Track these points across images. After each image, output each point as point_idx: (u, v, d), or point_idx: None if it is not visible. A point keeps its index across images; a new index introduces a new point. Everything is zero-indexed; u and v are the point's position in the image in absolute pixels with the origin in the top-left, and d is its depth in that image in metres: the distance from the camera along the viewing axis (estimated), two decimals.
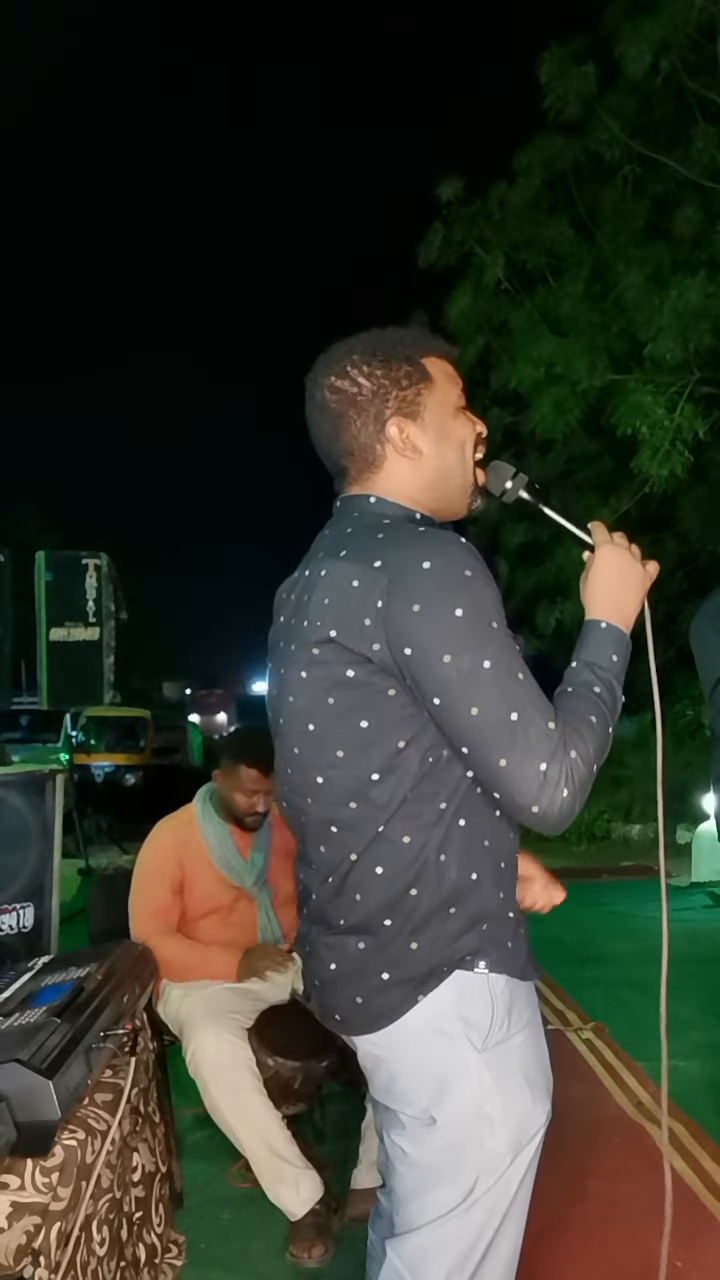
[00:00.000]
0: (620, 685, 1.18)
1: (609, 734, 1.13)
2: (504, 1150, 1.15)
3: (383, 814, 1.12)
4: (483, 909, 1.14)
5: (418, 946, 1.13)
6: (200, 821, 2.48)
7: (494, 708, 1.06)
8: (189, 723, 17.11)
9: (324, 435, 1.24)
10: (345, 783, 1.14)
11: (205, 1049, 2.12)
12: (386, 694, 1.10)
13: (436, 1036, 1.14)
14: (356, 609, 1.10)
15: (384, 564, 1.10)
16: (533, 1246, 2.04)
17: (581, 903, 5.87)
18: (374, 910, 1.14)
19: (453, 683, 1.06)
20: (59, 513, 18.09)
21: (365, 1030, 1.17)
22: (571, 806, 1.07)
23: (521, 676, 1.08)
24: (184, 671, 27.71)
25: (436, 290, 9.35)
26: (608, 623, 1.20)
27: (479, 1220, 1.16)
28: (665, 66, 7.25)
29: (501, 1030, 1.15)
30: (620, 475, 8.44)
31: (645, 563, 1.25)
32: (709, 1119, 2.66)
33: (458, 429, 1.24)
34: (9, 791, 2.39)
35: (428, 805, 1.12)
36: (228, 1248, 2.11)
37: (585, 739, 1.09)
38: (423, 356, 1.23)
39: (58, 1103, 1.26)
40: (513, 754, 1.05)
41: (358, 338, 1.24)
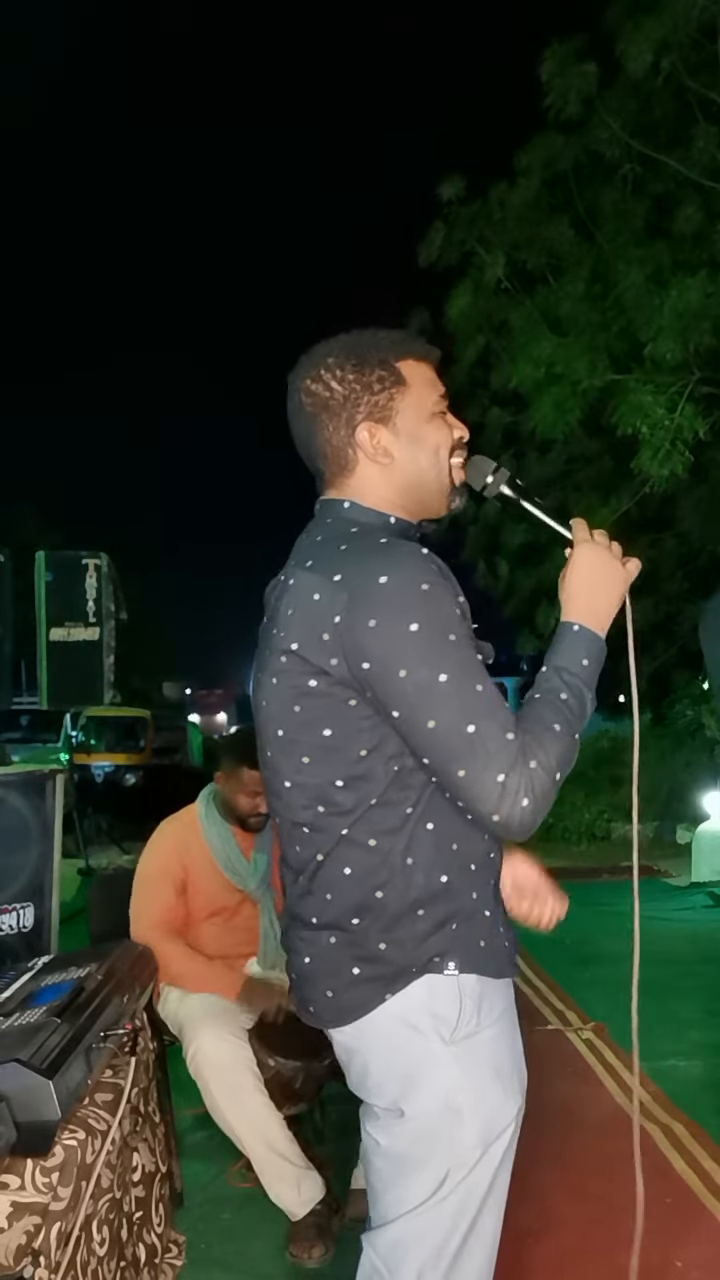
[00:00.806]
0: (591, 689, 1.17)
1: (575, 740, 1.13)
2: (473, 1143, 1.16)
3: (348, 819, 1.14)
4: (452, 910, 1.15)
5: (386, 947, 1.14)
6: (204, 823, 2.47)
7: (451, 720, 1.07)
8: (189, 723, 17.10)
9: (300, 437, 1.26)
10: (311, 788, 1.16)
11: (206, 1049, 2.12)
12: (348, 704, 1.12)
13: (406, 1030, 1.15)
14: (316, 623, 1.12)
15: (343, 578, 1.11)
16: (533, 1246, 2.04)
17: (581, 903, 5.83)
18: (343, 910, 1.16)
19: (409, 696, 1.07)
20: (59, 513, 18.09)
21: (336, 1023, 1.19)
22: (534, 815, 1.07)
23: (480, 689, 1.08)
24: (184, 671, 27.72)
25: (437, 290, 9.35)
26: (580, 625, 1.19)
27: (451, 1214, 1.16)
28: (666, 66, 7.23)
29: (471, 1024, 1.16)
30: (620, 475, 8.43)
31: (626, 561, 1.24)
32: (709, 1119, 2.66)
33: (432, 434, 1.23)
34: (9, 791, 2.39)
35: (393, 810, 1.13)
36: (228, 1248, 2.11)
37: (547, 748, 1.09)
38: (399, 360, 1.23)
39: (58, 1103, 1.26)
40: (471, 765, 1.06)
41: (338, 339, 1.24)
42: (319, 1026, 1.23)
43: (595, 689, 1.18)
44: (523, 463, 9.92)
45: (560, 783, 1.11)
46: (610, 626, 1.27)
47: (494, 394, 9.55)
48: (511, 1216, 1.29)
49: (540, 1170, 2.31)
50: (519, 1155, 1.27)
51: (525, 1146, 1.27)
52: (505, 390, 8.75)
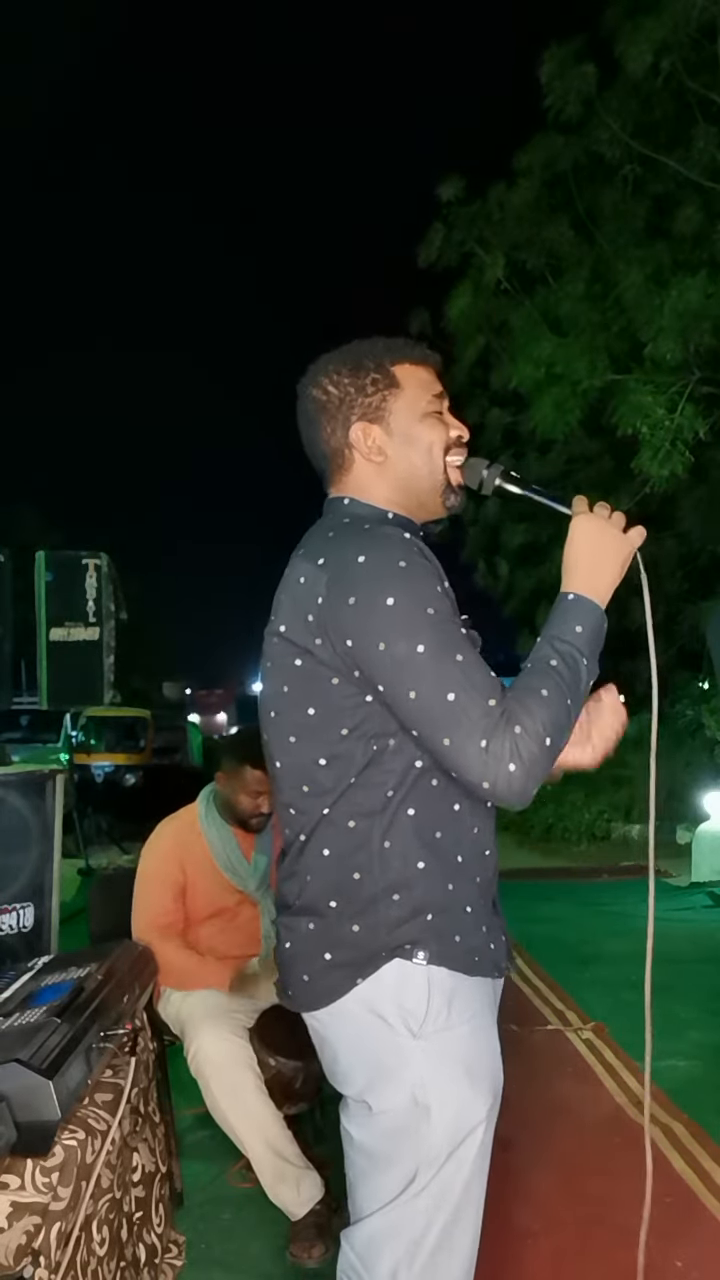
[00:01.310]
0: (586, 655, 1.16)
1: (568, 705, 1.12)
2: (441, 1140, 1.16)
3: (328, 798, 1.17)
4: (427, 899, 1.16)
5: (359, 930, 1.16)
6: (203, 824, 2.47)
7: (431, 690, 1.09)
8: (189, 723, 17.09)
9: (305, 439, 1.32)
10: (297, 767, 1.20)
11: (206, 1049, 2.12)
12: (330, 683, 1.15)
13: (374, 1020, 1.16)
14: (301, 605, 1.17)
15: (325, 561, 1.16)
16: (533, 1246, 2.04)
17: (581, 903, 5.87)
18: (320, 891, 1.18)
19: (390, 669, 1.10)
20: (59, 513, 18.10)
21: (310, 1008, 1.22)
22: (524, 781, 1.07)
23: (460, 658, 1.10)
24: (184, 671, 27.70)
25: (437, 290, 9.35)
26: (575, 594, 1.19)
27: (425, 1211, 1.16)
28: (666, 66, 7.23)
29: (440, 1019, 1.16)
30: (620, 475, 8.44)
31: (629, 529, 1.24)
32: (709, 1119, 2.66)
33: (425, 433, 1.27)
34: (9, 791, 2.39)
35: (374, 792, 1.16)
36: (228, 1248, 2.11)
37: (533, 713, 1.08)
38: (393, 364, 1.27)
39: (58, 1103, 1.26)
40: (454, 733, 1.08)
41: (342, 347, 1.29)
42: (295, 1010, 1.25)
43: (596, 655, 1.17)
44: (523, 463, 9.93)
45: (553, 749, 1.10)
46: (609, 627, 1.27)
47: (494, 394, 9.56)
48: (511, 1216, 1.29)
49: (540, 1170, 2.32)
50: (519, 1155, 1.27)
51: (525, 1146, 1.27)
52: (505, 390, 8.76)
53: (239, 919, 2.44)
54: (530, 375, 7.80)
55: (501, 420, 9.76)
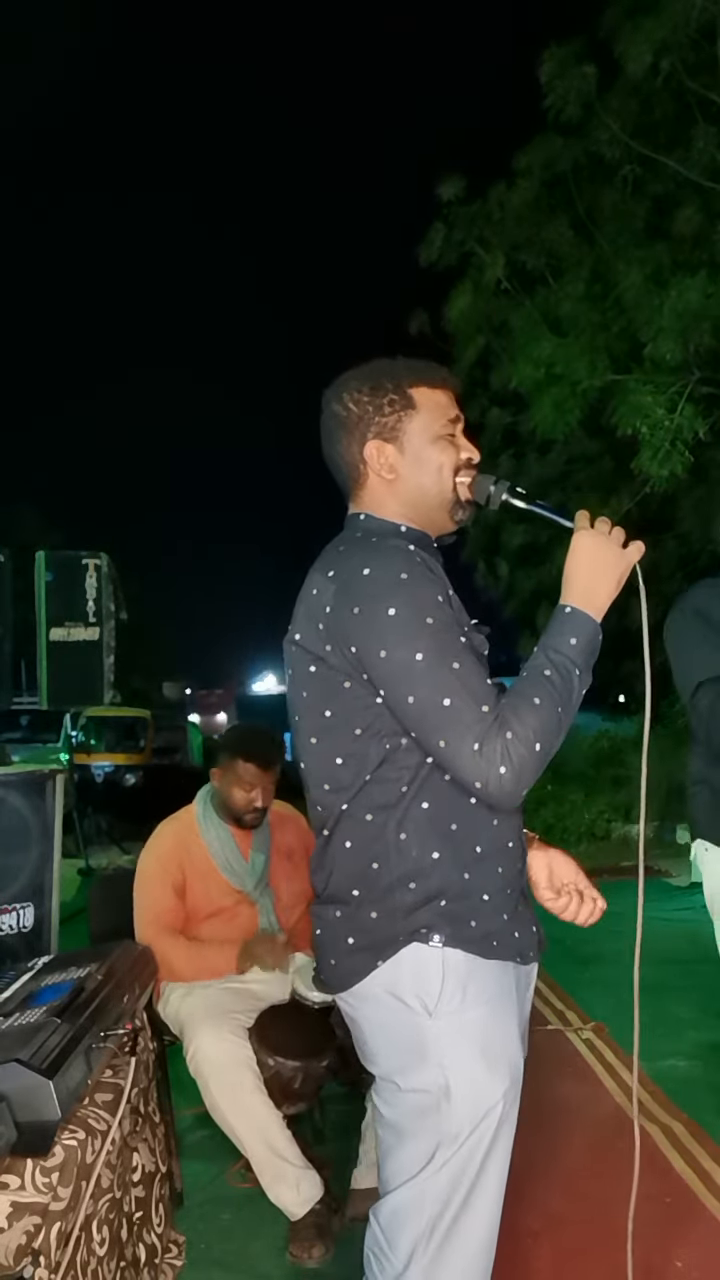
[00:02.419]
0: (579, 666, 1.22)
1: (558, 713, 1.18)
2: (460, 1119, 1.21)
3: (347, 794, 1.25)
4: (442, 887, 1.22)
5: (377, 916, 1.23)
6: (201, 824, 2.48)
7: (428, 695, 1.16)
8: (189, 723, 17.12)
9: (325, 451, 1.39)
10: (319, 767, 1.28)
11: (206, 1049, 2.12)
12: (344, 686, 1.23)
13: (395, 1002, 1.23)
14: (313, 615, 1.25)
15: (335, 574, 1.24)
16: (533, 1246, 2.04)
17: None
18: (343, 881, 1.26)
19: (390, 674, 1.18)
20: (59, 513, 18.06)
21: (338, 989, 1.29)
22: (514, 784, 1.14)
23: (457, 666, 1.17)
24: (184, 671, 27.70)
25: (437, 290, 9.36)
26: (572, 607, 1.25)
27: (444, 1187, 1.22)
28: (665, 67, 7.22)
29: (455, 1000, 1.22)
30: (620, 475, 8.43)
31: (629, 544, 1.28)
32: (709, 1119, 2.66)
33: (435, 454, 1.33)
34: (9, 791, 2.39)
35: (389, 788, 1.23)
36: (228, 1248, 2.11)
37: (525, 719, 1.15)
38: (412, 386, 1.33)
39: (58, 1103, 1.26)
40: (450, 736, 1.15)
41: (365, 365, 1.36)
42: (329, 993, 1.33)
43: (589, 667, 1.23)
44: (523, 463, 9.92)
45: (543, 754, 1.16)
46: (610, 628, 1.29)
47: (494, 394, 9.54)
48: (511, 1216, 1.29)
49: (540, 1170, 2.31)
50: (518, 1155, 1.27)
51: (525, 1146, 1.27)
52: (505, 390, 8.75)
53: (237, 919, 2.44)
54: (530, 375, 7.79)
55: (501, 420, 9.75)
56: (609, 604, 1.26)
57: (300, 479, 21.74)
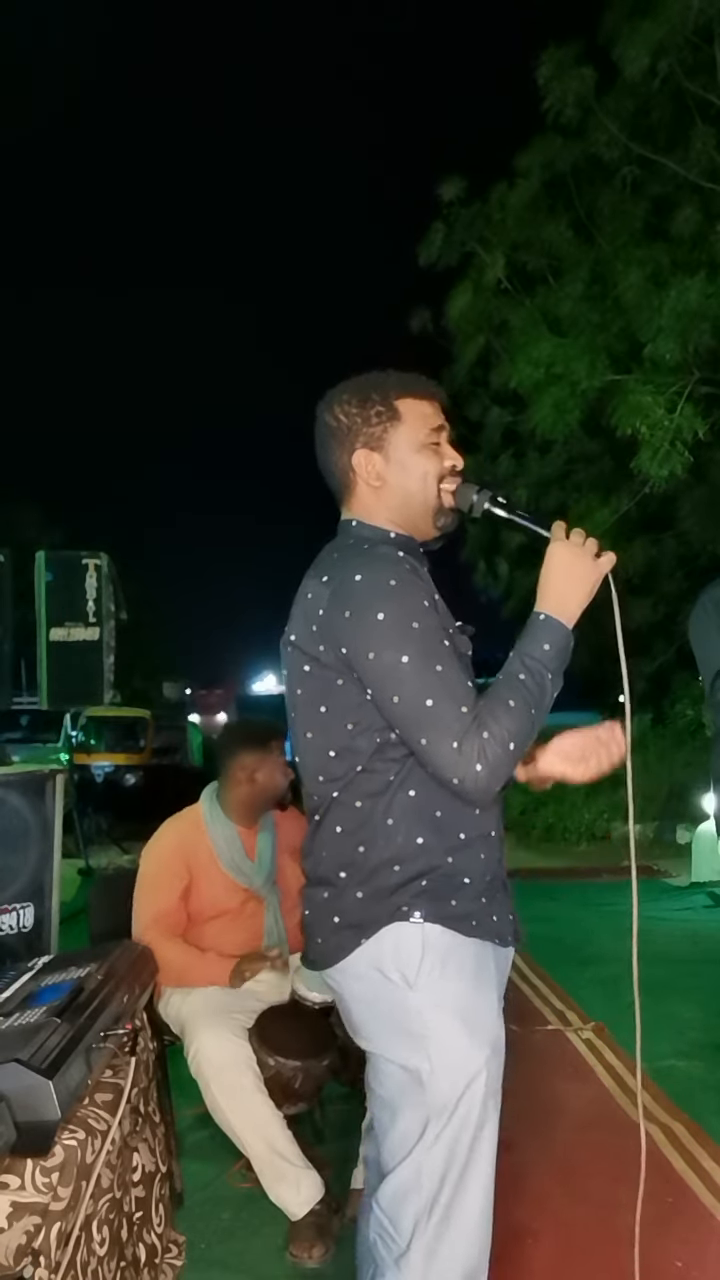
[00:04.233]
0: (551, 670, 1.28)
1: (531, 715, 1.24)
2: (446, 1089, 1.26)
3: (339, 784, 1.32)
4: (425, 869, 1.28)
5: (362, 896, 1.30)
6: (208, 823, 2.46)
7: (411, 696, 1.22)
8: (189, 723, 17.10)
9: (319, 460, 1.46)
10: (314, 760, 1.35)
11: (206, 1049, 2.12)
12: (336, 684, 1.29)
13: (378, 976, 1.29)
14: (308, 617, 1.32)
15: (329, 579, 1.31)
16: (533, 1246, 2.04)
17: (581, 903, 5.87)
18: (332, 864, 1.33)
19: (378, 676, 1.24)
20: (59, 510, 18.03)
21: (324, 966, 1.36)
22: (489, 780, 1.21)
23: (440, 669, 1.23)
24: (184, 671, 27.65)
25: (437, 290, 9.37)
26: (546, 614, 1.31)
27: (441, 1161, 1.26)
28: (663, 68, 7.23)
29: (434, 972, 1.27)
30: (620, 475, 8.43)
31: (601, 554, 1.33)
32: (709, 1119, 2.66)
33: (420, 463, 1.39)
34: (9, 791, 2.39)
35: (378, 777, 1.30)
36: (228, 1248, 2.11)
37: (500, 720, 1.21)
38: (398, 398, 1.40)
39: (58, 1103, 1.26)
40: (430, 735, 1.21)
41: (357, 378, 1.43)
42: (315, 970, 1.40)
43: (561, 671, 1.30)
44: (523, 462, 9.93)
45: (516, 753, 1.23)
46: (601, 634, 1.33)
47: (494, 394, 9.55)
48: (511, 1216, 1.30)
49: (540, 1170, 2.32)
50: (519, 1155, 1.28)
51: (525, 1146, 1.27)
52: (505, 390, 8.75)
53: (243, 916, 2.44)
54: (530, 375, 7.80)
55: (501, 420, 9.75)
56: (580, 611, 1.32)
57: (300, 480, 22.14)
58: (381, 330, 24.00)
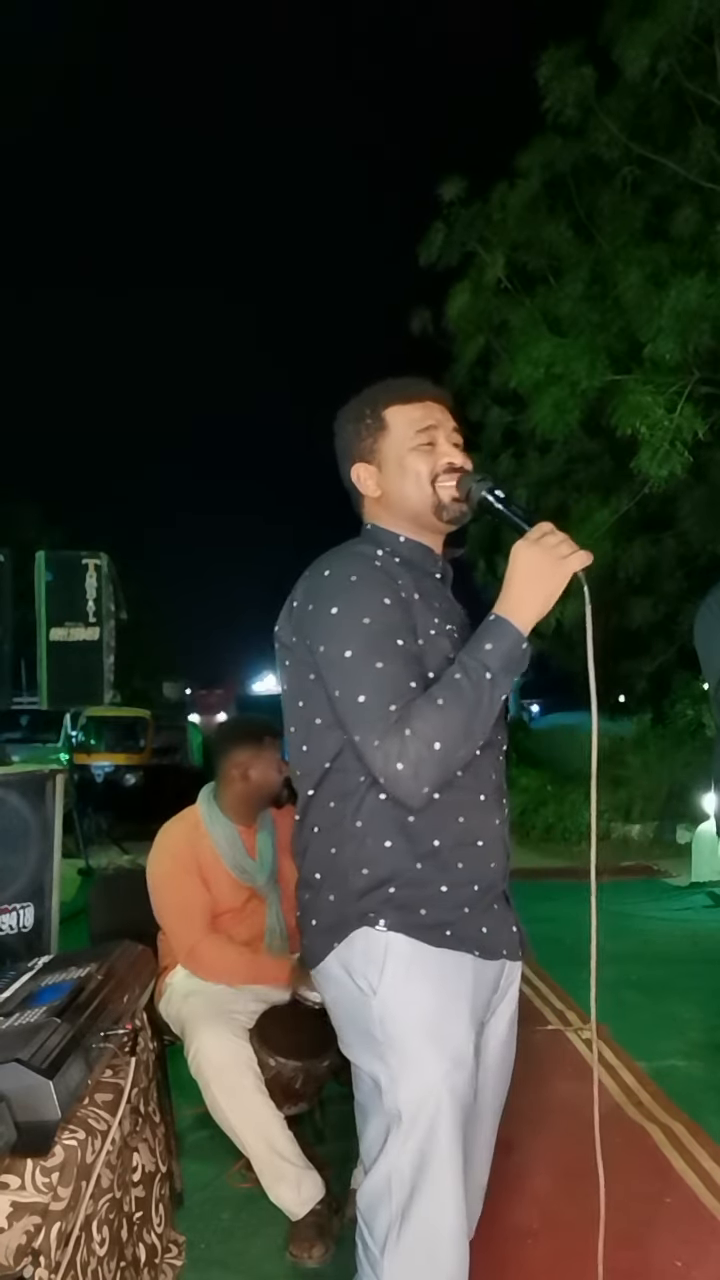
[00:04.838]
0: (492, 671, 1.23)
1: (463, 715, 1.20)
2: (405, 1097, 1.25)
3: (313, 779, 1.33)
4: (392, 874, 1.27)
5: (333, 899, 1.30)
6: (207, 824, 2.46)
7: (348, 691, 1.23)
8: (189, 723, 17.10)
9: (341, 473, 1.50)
10: (294, 755, 1.37)
11: (207, 1049, 2.12)
12: (309, 678, 1.31)
13: (348, 981, 1.30)
14: (288, 611, 1.35)
15: (308, 573, 1.34)
16: (533, 1246, 2.04)
17: (581, 903, 5.86)
18: (312, 865, 1.34)
19: (324, 668, 1.27)
20: (59, 510, 18.01)
21: (310, 966, 1.37)
22: (413, 781, 1.18)
23: (380, 665, 1.22)
24: (184, 671, 27.63)
25: (437, 290, 9.37)
26: (497, 615, 1.29)
27: (408, 1166, 1.24)
28: (663, 68, 7.24)
29: (396, 979, 1.26)
30: (620, 475, 8.42)
31: (575, 553, 1.28)
32: (709, 1119, 2.66)
33: (411, 464, 1.40)
34: (9, 791, 2.39)
35: (349, 777, 1.29)
36: (228, 1248, 2.11)
37: (427, 719, 1.19)
38: (386, 408, 1.43)
39: (58, 1103, 1.26)
40: (359, 731, 1.22)
41: (361, 392, 1.46)
42: (308, 970, 1.40)
43: (507, 672, 1.25)
44: (523, 462, 9.92)
45: (444, 754, 1.19)
46: (610, 628, 1.31)
47: (494, 394, 9.55)
48: (511, 1216, 1.30)
49: (540, 1170, 2.32)
50: (519, 1155, 1.27)
51: (525, 1147, 1.27)
52: (505, 390, 8.75)
53: (245, 915, 2.44)
54: (530, 375, 7.79)
55: (502, 420, 9.75)
56: (539, 614, 1.28)
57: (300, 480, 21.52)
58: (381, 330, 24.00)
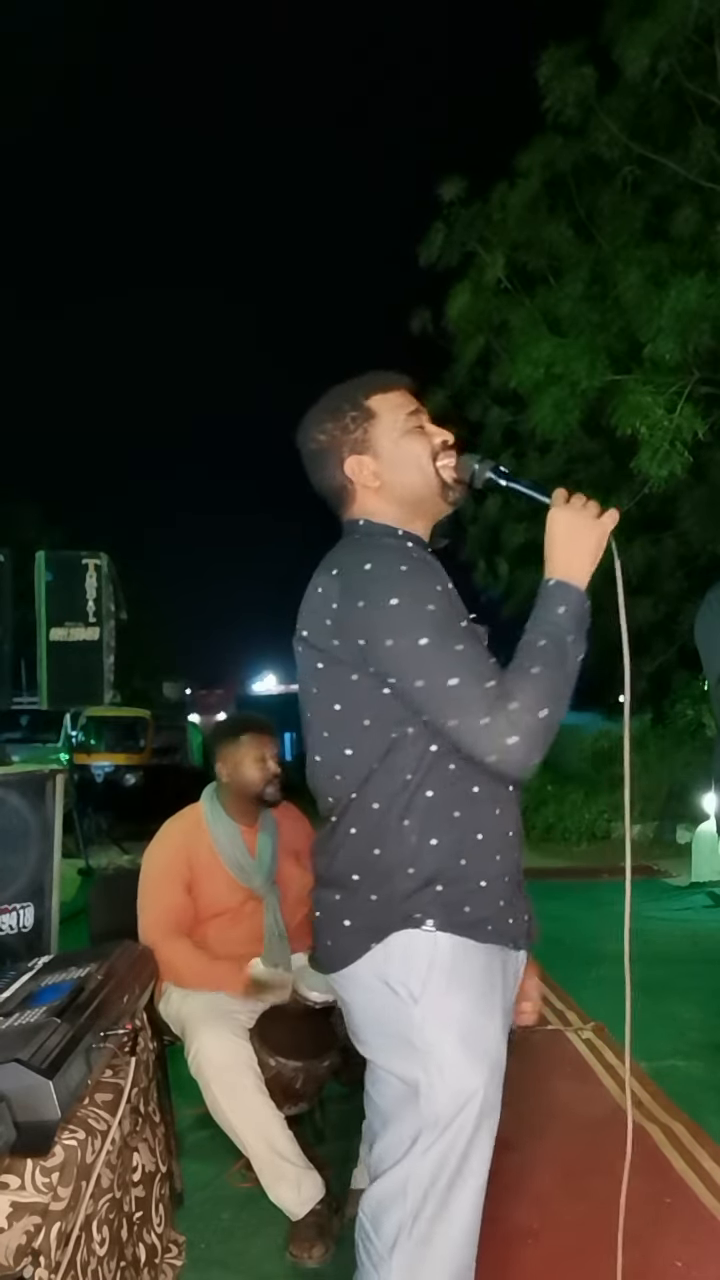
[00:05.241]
0: (571, 632, 1.26)
1: (555, 679, 1.23)
2: (442, 1105, 1.25)
3: (356, 783, 1.30)
4: (437, 872, 1.26)
5: (376, 899, 1.28)
6: (209, 821, 2.46)
7: (435, 678, 1.21)
8: (189, 723, 17.12)
9: (314, 484, 1.47)
10: (330, 759, 1.33)
11: (207, 1049, 2.12)
12: (350, 679, 1.28)
13: (383, 988, 1.27)
14: (320, 611, 1.30)
15: (339, 572, 1.30)
16: (532, 1246, 2.04)
17: (581, 903, 5.87)
18: (347, 866, 1.31)
19: (398, 662, 1.23)
20: (59, 513, 18.00)
21: (332, 969, 1.34)
22: (527, 753, 1.19)
23: (460, 648, 1.22)
24: (184, 671, 27.63)
25: (437, 290, 9.37)
26: (556, 580, 1.30)
27: (428, 1173, 1.25)
28: (664, 68, 7.23)
29: (440, 986, 1.25)
30: (620, 475, 8.43)
31: (604, 512, 1.33)
32: (709, 1119, 2.66)
33: (408, 447, 1.39)
34: (9, 791, 2.39)
35: (395, 776, 1.27)
36: (228, 1248, 2.11)
37: (526, 689, 1.20)
38: (366, 398, 1.41)
39: (58, 1103, 1.26)
40: (458, 715, 1.20)
41: (322, 398, 1.44)
42: (323, 972, 1.38)
43: (582, 632, 1.27)
44: (523, 462, 9.91)
45: (549, 720, 1.20)
46: (609, 627, 1.32)
47: (494, 394, 9.55)
48: (511, 1216, 1.29)
49: (539, 1170, 2.31)
50: (519, 1155, 1.27)
51: (525, 1147, 1.27)
52: (505, 390, 8.75)
53: (243, 915, 2.43)
54: (530, 376, 7.79)
55: (502, 420, 9.75)
56: (590, 572, 1.31)
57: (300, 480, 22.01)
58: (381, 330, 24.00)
